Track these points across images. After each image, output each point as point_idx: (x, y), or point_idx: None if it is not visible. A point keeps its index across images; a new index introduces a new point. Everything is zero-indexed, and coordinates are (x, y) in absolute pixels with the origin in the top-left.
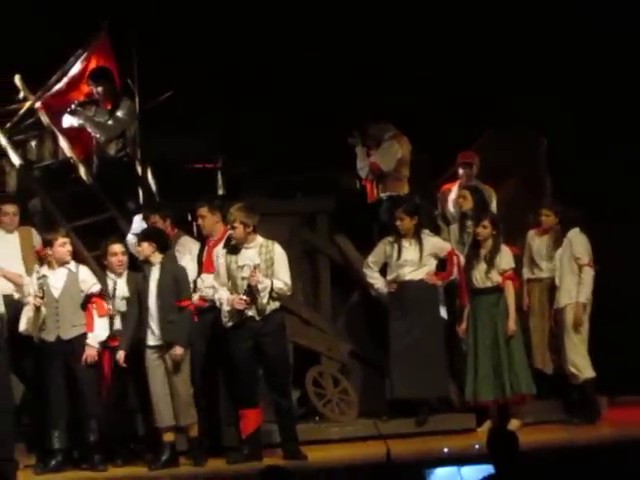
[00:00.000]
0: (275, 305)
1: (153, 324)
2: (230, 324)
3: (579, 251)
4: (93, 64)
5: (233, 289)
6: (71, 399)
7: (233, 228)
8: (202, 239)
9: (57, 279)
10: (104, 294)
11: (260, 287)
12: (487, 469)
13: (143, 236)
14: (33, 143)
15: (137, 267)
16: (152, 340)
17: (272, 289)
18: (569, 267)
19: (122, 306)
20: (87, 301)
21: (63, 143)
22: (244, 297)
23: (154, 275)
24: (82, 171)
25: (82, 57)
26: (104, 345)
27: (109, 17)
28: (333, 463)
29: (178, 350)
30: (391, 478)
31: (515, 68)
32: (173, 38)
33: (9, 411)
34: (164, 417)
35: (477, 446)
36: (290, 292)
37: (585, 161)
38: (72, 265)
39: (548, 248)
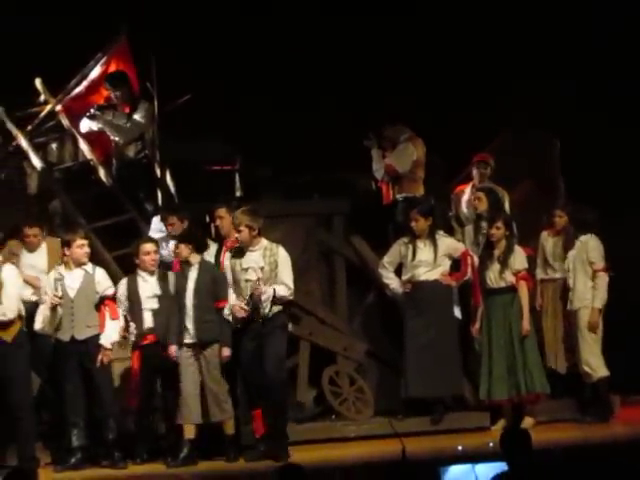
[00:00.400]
0: (277, 308)
1: (189, 323)
2: (236, 326)
3: (594, 256)
4: (112, 68)
5: (236, 291)
6: (88, 398)
7: (239, 231)
8: (219, 240)
9: (73, 280)
10: (116, 298)
11: (263, 297)
12: (501, 466)
13: (181, 238)
14: (54, 145)
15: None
16: (187, 338)
17: (274, 296)
18: (582, 270)
19: (154, 303)
20: (101, 303)
21: (83, 145)
22: (245, 306)
23: (192, 275)
24: (102, 173)
25: (102, 61)
26: (135, 345)
27: (128, 21)
28: (349, 461)
29: (226, 352)
30: (406, 476)
31: (529, 69)
32: (191, 42)
33: (31, 409)
34: (192, 414)
35: (491, 444)
36: (292, 296)
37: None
38: (89, 266)
39: (561, 249)
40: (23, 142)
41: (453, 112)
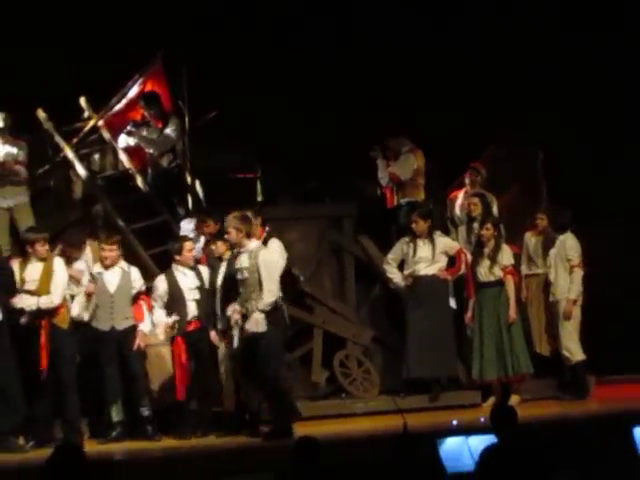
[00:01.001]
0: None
1: (218, 312)
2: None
3: (571, 253)
4: (148, 87)
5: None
6: (124, 379)
7: (227, 233)
8: None
9: (112, 276)
10: (154, 294)
11: (232, 324)
12: (491, 439)
13: (219, 236)
14: (96, 156)
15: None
16: (219, 325)
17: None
18: (562, 266)
19: (196, 294)
20: (136, 297)
21: (122, 156)
22: (239, 309)
23: (222, 269)
24: (139, 180)
25: (139, 81)
26: (178, 333)
27: (163, 47)
28: (358, 434)
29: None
30: (408, 447)
31: (519, 87)
32: (217, 65)
33: (76, 389)
34: (228, 393)
35: (482, 419)
36: (273, 297)
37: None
38: (125, 265)
39: (543, 247)
40: (69, 153)
41: (451, 126)
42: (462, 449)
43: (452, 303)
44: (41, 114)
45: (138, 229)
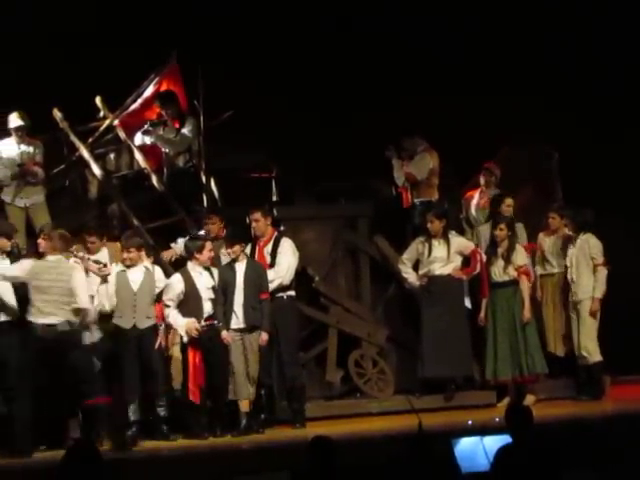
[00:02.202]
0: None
1: (238, 310)
2: None
3: (594, 253)
4: (163, 87)
5: None
6: (142, 379)
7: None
8: (254, 239)
9: (136, 275)
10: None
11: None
12: (506, 439)
13: (237, 239)
14: (112, 156)
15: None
16: (235, 324)
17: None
18: (585, 265)
19: (211, 294)
20: (160, 296)
21: (138, 156)
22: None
23: (240, 269)
24: (154, 180)
25: (154, 81)
26: (202, 334)
27: (179, 47)
28: (373, 434)
29: (264, 336)
30: (422, 446)
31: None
32: (233, 65)
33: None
34: (242, 390)
35: (497, 419)
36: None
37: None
38: (149, 264)
39: (557, 247)
40: (85, 153)
41: (466, 127)
42: (477, 449)
43: (467, 303)
44: (57, 114)
45: (153, 228)
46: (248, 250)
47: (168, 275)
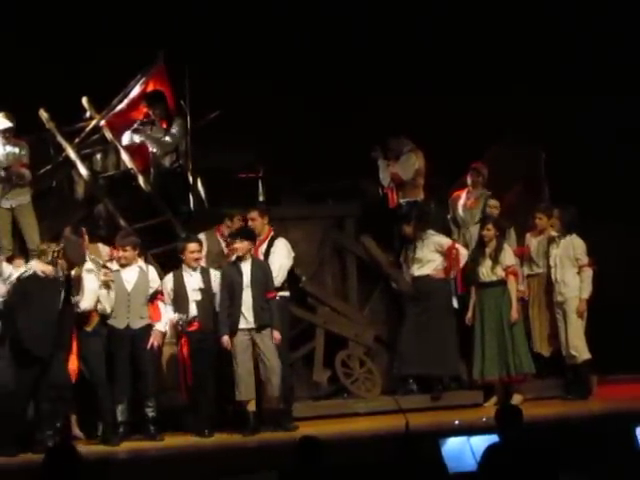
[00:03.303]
0: None
1: (246, 310)
2: None
3: (579, 253)
4: (150, 87)
5: None
6: (133, 379)
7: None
8: None
9: (130, 275)
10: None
11: None
12: (493, 438)
13: (243, 235)
14: (98, 156)
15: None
16: (243, 324)
17: None
18: (569, 265)
19: (197, 296)
20: (153, 296)
21: (124, 156)
22: None
23: (246, 269)
24: (141, 180)
25: (141, 81)
26: (182, 330)
27: (165, 47)
28: (360, 434)
29: (277, 335)
30: (410, 446)
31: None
32: (220, 65)
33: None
34: (248, 391)
35: (484, 419)
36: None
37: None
38: (143, 264)
39: (543, 247)
40: (71, 153)
41: (453, 127)
42: (464, 449)
43: (454, 302)
44: (43, 114)
45: (140, 228)
46: None
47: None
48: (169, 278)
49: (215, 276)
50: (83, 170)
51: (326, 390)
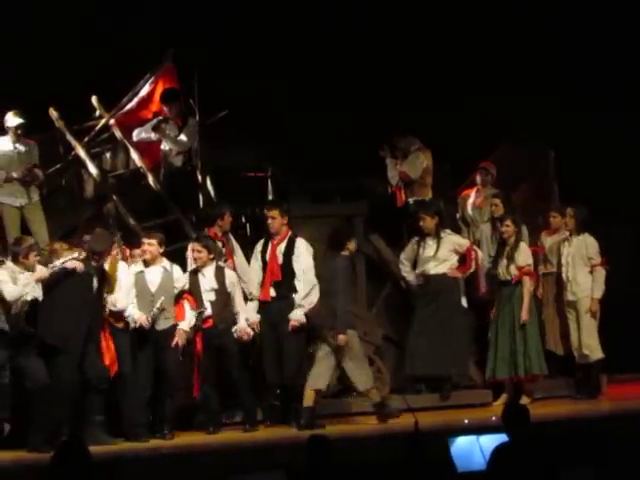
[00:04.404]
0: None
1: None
2: None
3: (592, 253)
4: (160, 87)
5: None
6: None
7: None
8: (267, 237)
9: (154, 276)
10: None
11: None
12: (502, 438)
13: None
14: (108, 155)
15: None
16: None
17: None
18: (582, 264)
19: (211, 296)
20: (179, 296)
21: (134, 155)
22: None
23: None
24: (150, 179)
25: (150, 80)
26: (196, 328)
27: (174, 46)
28: (369, 432)
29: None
30: (418, 445)
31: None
32: (229, 64)
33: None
34: (369, 380)
35: (493, 418)
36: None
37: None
38: (167, 264)
39: (556, 246)
40: (81, 152)
41: (460, 125)
42: (473, 448)
43: (463, 302)
44: (53, 113)
45: (150, 227)
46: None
47: None
48: (185, 277)
49: (230, 273)
50: (92, 169)
51: (335, 389)
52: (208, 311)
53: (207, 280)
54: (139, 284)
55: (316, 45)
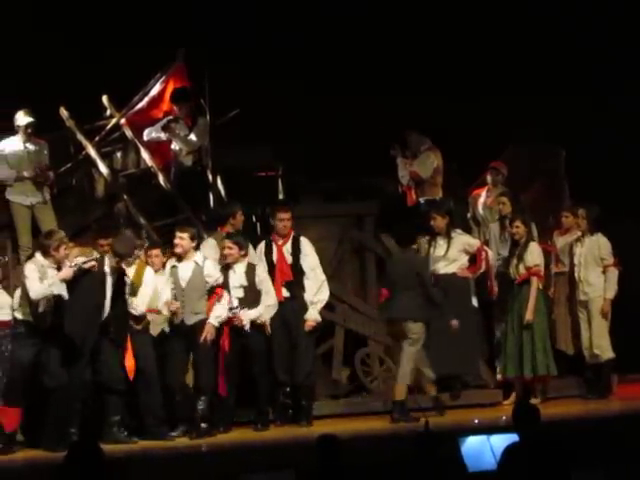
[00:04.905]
0: None
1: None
2: None
3: (604, 253)
4: (171, 86)
5: None
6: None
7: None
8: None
9: (185, 271)
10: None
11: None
12: (512, 437)
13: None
14: (118, 154)
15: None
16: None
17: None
18: (594, 264)
19: (239, 293)
20: (211, 291)
21: (145, 154)
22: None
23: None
24: (161, 178)
25: (161, 80)
26: (225, 323)
27: (185, 46)
28: (379, 432)
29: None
30: (429, 445)
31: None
32: (239, 64)
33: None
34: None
35: (504, 417)
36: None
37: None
38: (199, 259)
39: (569, 246)
40: (91, 151)
41: (471, 124)
42: (484, 448)
43: (474, 301)
44: (63, 112)
45: (160, 226)
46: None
47: None
48: (218, 270)
49: (261, 270)
50: (103, 168)
51: (345, 388)
52: (238, 309)
53: (237, 277)
54: (173, 279)
55: (326, 43)
